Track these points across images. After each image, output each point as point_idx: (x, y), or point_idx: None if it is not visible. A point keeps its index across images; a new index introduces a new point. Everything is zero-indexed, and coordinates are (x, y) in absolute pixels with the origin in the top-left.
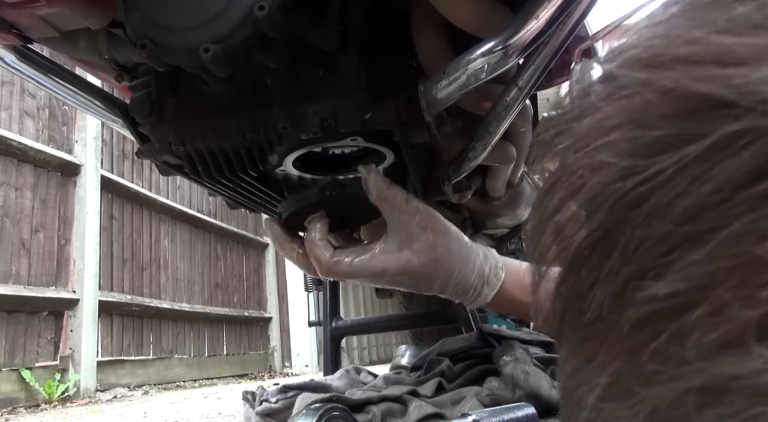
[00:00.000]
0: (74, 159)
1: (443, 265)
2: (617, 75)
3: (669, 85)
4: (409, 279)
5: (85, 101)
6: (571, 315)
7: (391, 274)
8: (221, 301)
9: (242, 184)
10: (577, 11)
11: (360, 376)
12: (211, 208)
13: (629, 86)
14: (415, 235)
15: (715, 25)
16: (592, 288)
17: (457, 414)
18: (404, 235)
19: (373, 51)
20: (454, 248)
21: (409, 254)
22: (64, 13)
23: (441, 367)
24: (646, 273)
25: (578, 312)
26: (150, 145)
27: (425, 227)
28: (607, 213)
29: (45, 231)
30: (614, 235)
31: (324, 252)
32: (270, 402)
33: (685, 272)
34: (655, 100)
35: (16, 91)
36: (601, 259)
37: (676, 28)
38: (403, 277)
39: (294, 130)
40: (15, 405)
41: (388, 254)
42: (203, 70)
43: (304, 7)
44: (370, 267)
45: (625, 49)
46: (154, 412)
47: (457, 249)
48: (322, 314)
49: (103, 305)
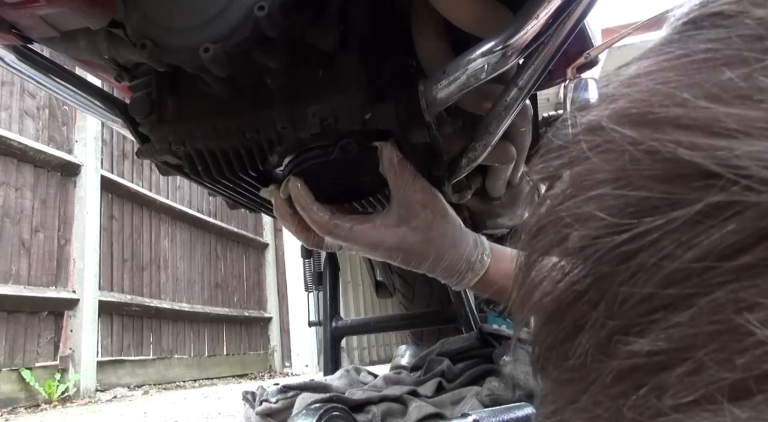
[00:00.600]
0: (74, 159)
1: (436, 247)
2: (607, 128)
3: (657, 148)
4: (403, 255)
5: (85, 101)
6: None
7: (386, 248)
8: (221, 301)
9: (242, 184)
10: (577, 11)
11: (360, 376)
12: (211, 208)
13: (618, 142)
14: (415, 213)
15: (703, 88)
16: (576, 336)
17: (457, 414)
18: (405, 211)
19: (373, 51)
20: (449, 232)
21: (406, 230)
22: (64, 13)
23: (441, 367)
24: (630, 329)
25: (563, 355)
26: (150, 145)
27: (426, 206)
28: (594, 266)
29: (45, 231)
30: (601, 287)
31: (321, 213)
32: (270, 402)
33: (668, 332)
34: (644, 161)
35: (16, 91)
36: (587, 309)
37: (667, 84)
38: (397, 252)
39: (294, 130)
40: (15, 405)
41: (387, 227)
42: (203, 70)
43: (304, 7)
44: (367, 237)
45: (617, 98)
46: (154, 412)
47: (451, 234)
48: (322, 314)
49: (103, 305)
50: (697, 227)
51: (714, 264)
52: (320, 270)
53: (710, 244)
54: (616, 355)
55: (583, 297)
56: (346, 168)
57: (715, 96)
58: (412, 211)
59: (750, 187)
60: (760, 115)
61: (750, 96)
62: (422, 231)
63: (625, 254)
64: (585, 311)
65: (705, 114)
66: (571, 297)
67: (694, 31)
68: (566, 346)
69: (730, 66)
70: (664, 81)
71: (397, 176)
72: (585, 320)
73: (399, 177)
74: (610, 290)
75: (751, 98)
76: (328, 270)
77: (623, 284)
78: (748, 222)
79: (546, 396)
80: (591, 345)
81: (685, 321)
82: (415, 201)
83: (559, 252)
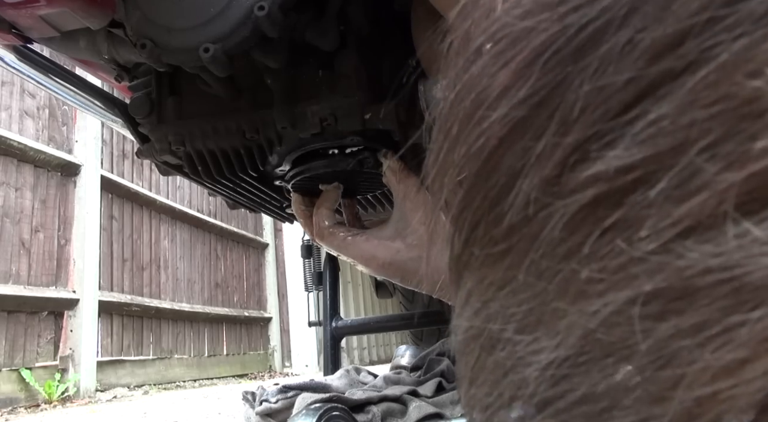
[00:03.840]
0: (74, 159)
1: (430, 267)
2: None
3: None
4: (398, 271)
5: (85, 101)
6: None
7: (379, 263)
8: (221, 301)
9: (242, 184)
10: None
11: (360, 376)
12: (211, 208)
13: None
14: (413, 228)
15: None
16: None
17: (457, 414)
18: (402, 225)
19: (373, 51)
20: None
21: (401, 245)
22: (64, 13)
23: (441, 367)
24: (594, 143)
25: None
26: (150, 145)
27: (424, 223)
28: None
29: (45, 231)
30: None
31: (325, 219)
32: (270, 402)
33: (648, 132)
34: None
35: (16, 91)
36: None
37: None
38: (391, 268)
39: (294, 130)
40: (15, 405)
41: (382, 240)
42: (203, 70)
43: (304, 7)
44: (359, 249)
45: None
46: (154, 412)
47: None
48: (322, 314)
49: (103, 305)
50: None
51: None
52: (320, 270)
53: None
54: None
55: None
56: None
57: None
58: (409, 226)
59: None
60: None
61: None
62: (417, 248)
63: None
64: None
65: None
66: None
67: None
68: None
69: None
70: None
71: (400, 189)
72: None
73: (401, 190)
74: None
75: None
76: (328, 270)
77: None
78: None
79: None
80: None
81: (673, 110)
82: (414, 216)
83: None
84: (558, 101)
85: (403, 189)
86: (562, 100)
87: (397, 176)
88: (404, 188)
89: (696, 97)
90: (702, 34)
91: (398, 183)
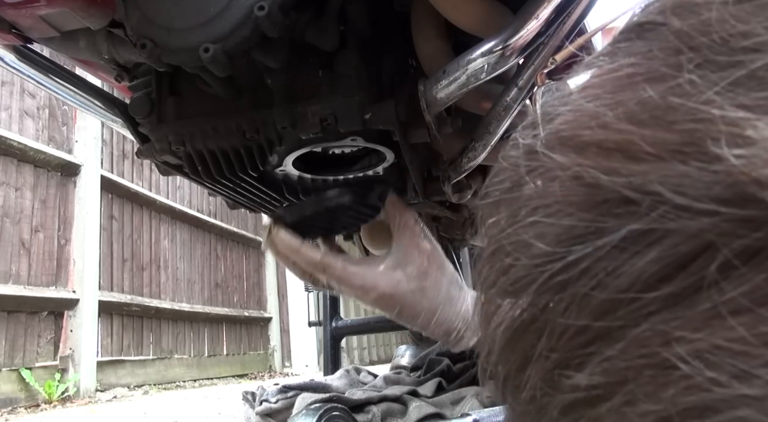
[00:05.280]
0: (74, 159)
1: (429, 298)
2: (540, 152)
3: (581, 173)
4: (396, 304)
5: (85, 101)
6: (511, 387)
7: (380, 293)
8: (221, 301)
9: (242, 184)
10: (577, 11)
11: (360, 376)
12: (211, 208)
13: (550, 167)
14: (412, 258)
15: (626, 108)
16: (526, 368)
17: (457, 414)
18: (402, 255)
19: (373, 51)
20: (444, 285)
21: (401, 275)
22: (64, 13)
23: (441, 367)
24: (570, 362)
25: (517, 387)
26: (150, 145)
27: (423, 253)
28: (535, 296)
29: (45, 231)
30: (543, 319)
31: (311, 254)
32: (270, 402)
33: (603, 366)
34: (571, 187)
35: (16, 91)
36: (533, 340)
37: (595, 101)
38: (390, 300)
39: (294, 130)
40: (15, 405)
41: (382, 271)
42: (203, 70)
43: (304, 7)
44: (362, 278)
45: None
46: (154, 412)
47: (447, 288)
48: (322, 314)
49: (103, 305)
50: (622, 255)
51: (639, 295)
52: None
53: (635, 273)
54: (560, 389)
55: (530, 327)
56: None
57: (635, 116)
58: (408, 256)
59: (666, 213)
60: (671, 137)
61: (664, 116)
62: (417, 279)
63: (561, 284)
64: (532, 342)
65: (624, 137)
66: (520, 328)
67: (624, 42)
68: (519, 378)
69: (650, 82)
70: (593, 98)
71: (400, 222)
72: (533, 351)
73: (401, 222)
74: (549, 321)
75: (664, 119)
76: None
77: (560, 315)
78: (668, 250)
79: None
80: (539, 378)
81: (617, 355)
82: (414, 246)
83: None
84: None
85: (403, 221)
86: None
87: (396, 208)
88: (404, 220)
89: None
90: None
91: (399, 216)
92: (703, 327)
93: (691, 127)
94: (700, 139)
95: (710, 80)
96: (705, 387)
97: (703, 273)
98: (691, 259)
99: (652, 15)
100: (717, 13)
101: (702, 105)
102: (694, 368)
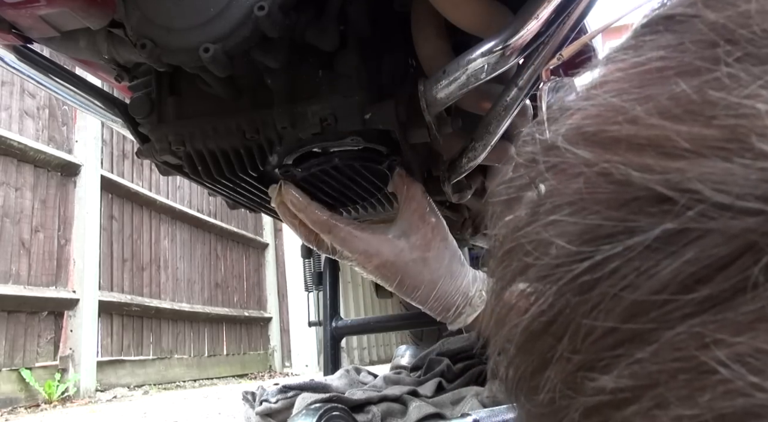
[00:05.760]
0: (74, 159)
1: (430, 269)
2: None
3: (610, 170)
4: (397, 272)
5: (85, 101)
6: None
7: (382, 260)
8: (221, 301)
9: (242, 184)
10: (577, 11)
11: (360, 376)
12: (211, 208)
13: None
14: (416, 227)
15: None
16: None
17: (457, 414)
18: (407, 225)
19: (373, 51)
20: (446, 257)
21: (405, 244)
22: (64, 13)
23: (441, 367)
24: (595, 364)
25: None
26: (150, 145)
27: (428, 223)
28: (557, 296)
29: (45, 231)
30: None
31: (319, 212)
32: (270, 402)
33: (632, 368)
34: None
35: (16, 91)
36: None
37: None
38: (392, 268)
39: (294, 130)
40: (15, 405)
41: (386, 238)
42: (203, 70)
43: (304, 7)
44: (366, 243)
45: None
46: (154, 412)
47: (449, 261)
48: (322, 314)
49: (103, 305)
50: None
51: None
52: (320, 270)
53: (669, 274)
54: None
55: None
56: (347, 177)
57: (667, 111)
58: (413, 226)
59: (705, 212)
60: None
61: (701, 111)
62: (420, 249)
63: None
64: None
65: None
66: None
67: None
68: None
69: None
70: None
71: (407, 192)
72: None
73: (408, 192)
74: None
75: (702, 114)
76: (328, 270)
77: (585, 316)
78: (707, 251)
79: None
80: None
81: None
82: (420, 217)
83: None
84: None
85: (411, 192)
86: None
87: (404, 180)
88: (411, 192)
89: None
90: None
91: (406, 187)
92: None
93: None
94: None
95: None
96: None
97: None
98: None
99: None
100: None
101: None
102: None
